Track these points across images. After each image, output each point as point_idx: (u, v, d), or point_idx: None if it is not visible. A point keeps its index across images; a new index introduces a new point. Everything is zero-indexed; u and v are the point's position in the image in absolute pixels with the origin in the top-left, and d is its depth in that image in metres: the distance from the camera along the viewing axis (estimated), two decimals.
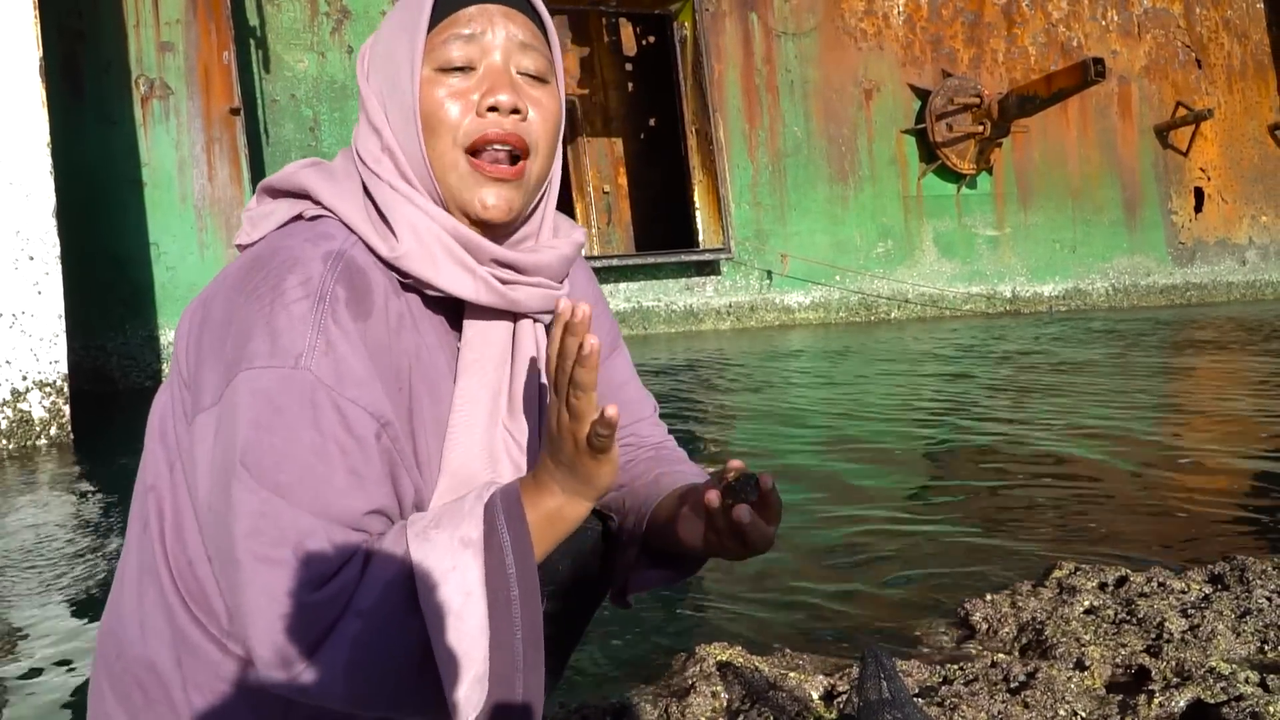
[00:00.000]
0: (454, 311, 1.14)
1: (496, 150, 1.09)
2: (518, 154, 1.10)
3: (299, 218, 1.11)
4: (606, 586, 1.34)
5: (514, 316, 1.16)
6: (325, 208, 1.11)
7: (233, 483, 0.95)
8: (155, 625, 1.09)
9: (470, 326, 1.14)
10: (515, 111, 1.09)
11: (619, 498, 1.39)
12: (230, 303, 1.02)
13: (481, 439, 1.13)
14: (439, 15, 1.10)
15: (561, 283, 1.19)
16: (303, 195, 1.13)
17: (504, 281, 1.11)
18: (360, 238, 1.08)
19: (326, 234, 1.07)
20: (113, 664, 1.13)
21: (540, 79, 1.13)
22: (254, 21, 9.10)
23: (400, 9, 1.13)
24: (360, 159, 1.13)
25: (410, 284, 1.10)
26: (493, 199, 1.09)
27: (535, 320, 1.18)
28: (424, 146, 1.09)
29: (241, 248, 1.15)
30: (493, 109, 1.08)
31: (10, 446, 5.45)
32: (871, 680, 1.66)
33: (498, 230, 1.13)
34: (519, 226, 1.16)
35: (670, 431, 1.44)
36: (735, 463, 1.11)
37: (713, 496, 1.06)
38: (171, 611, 1.08)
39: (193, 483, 1.04)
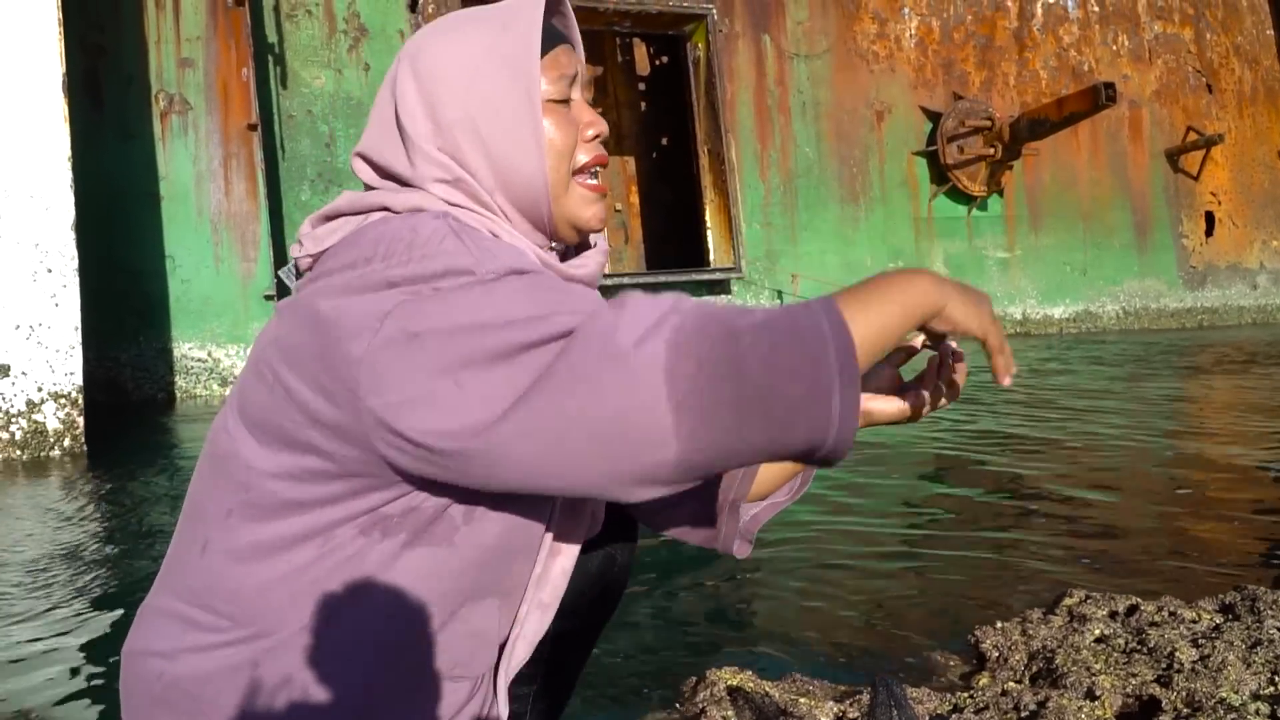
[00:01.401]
0: None
1: (593, 173, 1.25)
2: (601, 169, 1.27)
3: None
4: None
5: None
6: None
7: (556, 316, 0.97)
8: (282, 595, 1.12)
9: None
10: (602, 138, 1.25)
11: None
12: (364, 278, 1.03)
13: None
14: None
15: (595, 289, 1.30)
16: (377, 210, 1.17)
17: None
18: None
19: (419, 206, 1.14)
20: (152, 684, 1.13)
21: (592, 104, 1.28)
22: (273, 39, 9.19)
23: (488, 41, 1.18)
24: (432, 186, 1.17)
25: None
26: (601, 211, 1.25)
27: None
28: (548, 170, 1.19)
29: (304, 258, 1.18)
30: (598, 136, 1.23)
31: (24, 457, 5.50)
32: (882, 709, 1.68)
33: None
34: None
35: None
36: (918, 337, 1.23)
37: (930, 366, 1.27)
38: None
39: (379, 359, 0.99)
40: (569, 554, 1.26)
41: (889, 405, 1.31)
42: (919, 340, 1.23)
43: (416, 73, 1.18)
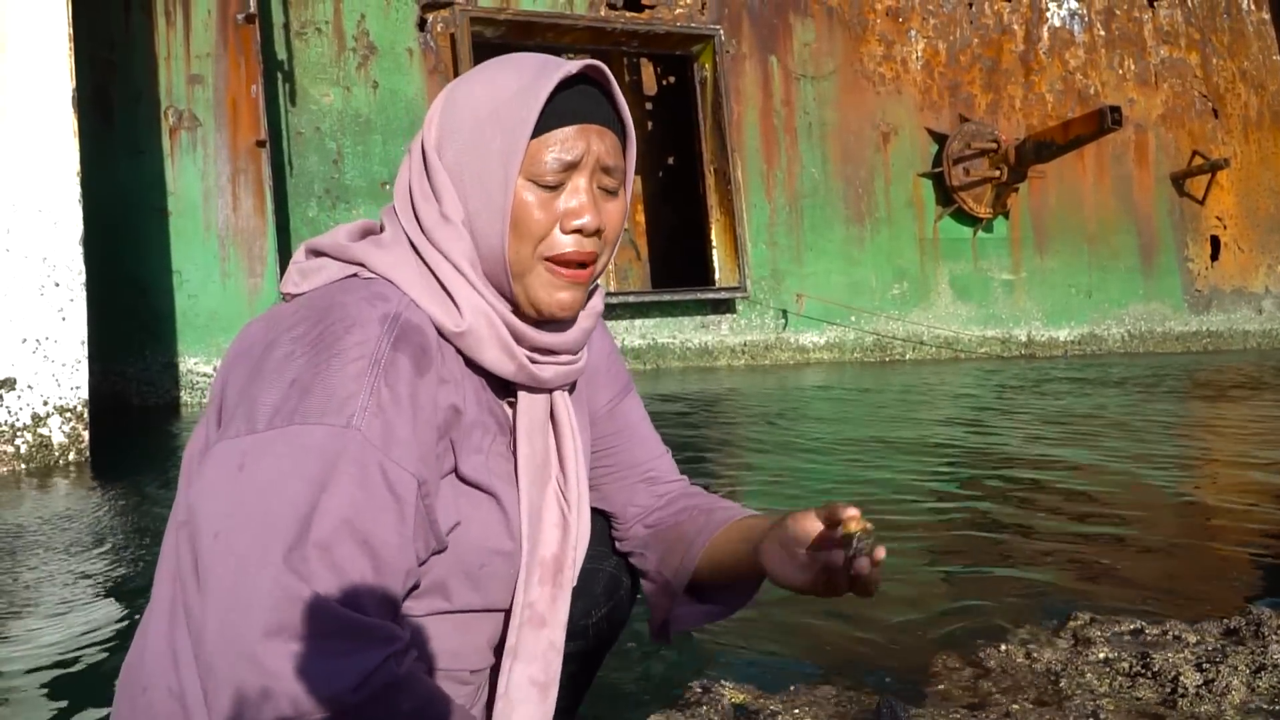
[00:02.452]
0: (490, 376, 1.23)
1: (580, 264, 1.20)
2: (587, 262, 1.20)
3: (354, 276, 1.18)
4: (626, 620, 1.51)
5: (548, 389, 1.27)
6: (380, 276, 1.18)
7: (270, 529, 0.98)
8: (188, 659, 1.11)
9: (521, 398, 1.25)
10: (596, 233, 1.18)
11: (645, 537, 1.47)
12: (286, 356, 1.06)
13: (541, 496, 1.25)
14: (541, 125, 1.15)
15: (577, 354, 1.29)
16: (355, 264, 1.19)
17: (534, 361, 1.22)
18: (416, 304, 1.15)
19: (382, 295, 1.13)
20: (137, 698, 1.14)
21: (614, 191, 1.21)
22: (282, 56, 9.25)
23: (495, 101, 1.17)
24: (422, 231, 1.19)
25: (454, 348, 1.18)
26: (568, 298, 1.19)
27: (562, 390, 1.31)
28: (507, 247, 1.16)
29: (288, 296, 1.20)
30: (577, 230, 1.17)
31: (29, 471, 5.50)
32: None
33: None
34: None
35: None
36: (851, 512, 1.22)
37: (837, 557, 1.22)
38: None
39: (197, 503, 1.04)
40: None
41: (794, 576, 1.32)
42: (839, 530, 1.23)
43: (446, 102, 1.21)
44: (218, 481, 1.02)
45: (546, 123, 1.14)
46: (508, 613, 1.22)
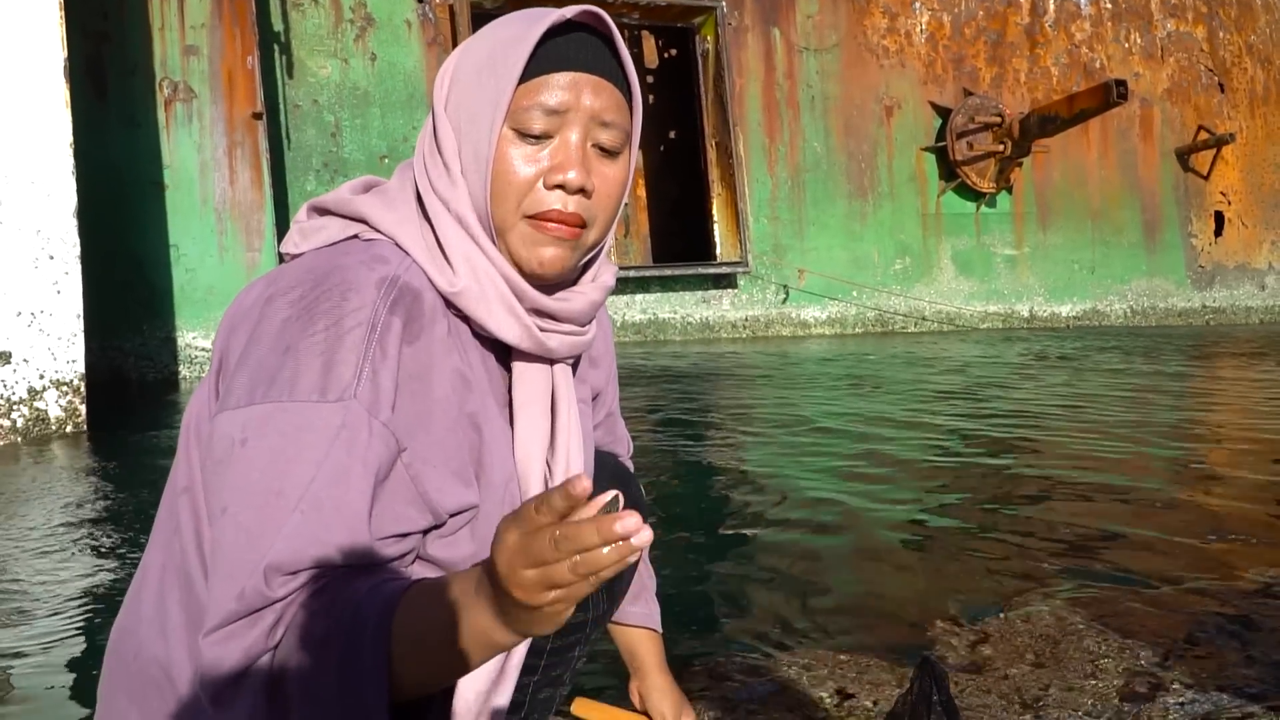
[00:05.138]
0: (496, 344, 1.18)
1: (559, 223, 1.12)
2: (577, 224, 1.13)
3: (354, 238, 1.14)
4: (624, 594, 1.53)
5: (550, 360, 1.21)
6: (382, 234, 1.13)
7: (261, 500, 0.96)
8: (176, 628, 1.09)
9: (519, 368, 1.19)
10: (581, 190, 1.11)
11: None
12: (285, 321, 1.03)
13: (535, 470, 1.20)
14: (531, 69, 1.10)
15: (586, 326, 1.23)
16: (358, 220, 1.15)
17: (541, 329, 1.16)
18: (418, 265, 1.11)
19: (382, 257, 1.10)
20: (129, 663, 1.12)
21: (614, 152, 1.14)
22: (278, 27, 9.17)
23: (493, 47, 1.12)
24: (429, 183, 1.15)
25: (458, 312, 1.13)
26: (550, 255, 1.12)
27: (565, 363, 1.24)
28: (490, 201, 1.11)
29: (288, 256, 1.16)
30: (560, 186, 1.10)
31: (26, 444, 5.48)
32: (922, 693, 1.62)
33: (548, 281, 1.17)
34: (568, 277, 1.20)
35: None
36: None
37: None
38: (197, 614, 1.07)
39: (210, 473, 1.03)
40: None
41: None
42: None
43: (457, 54, 1.17)
44: (223, 457, 1.00)
45: (539, 67, 1.09)
46: None
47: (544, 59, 1.09)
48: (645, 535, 0.72)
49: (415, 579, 0.95)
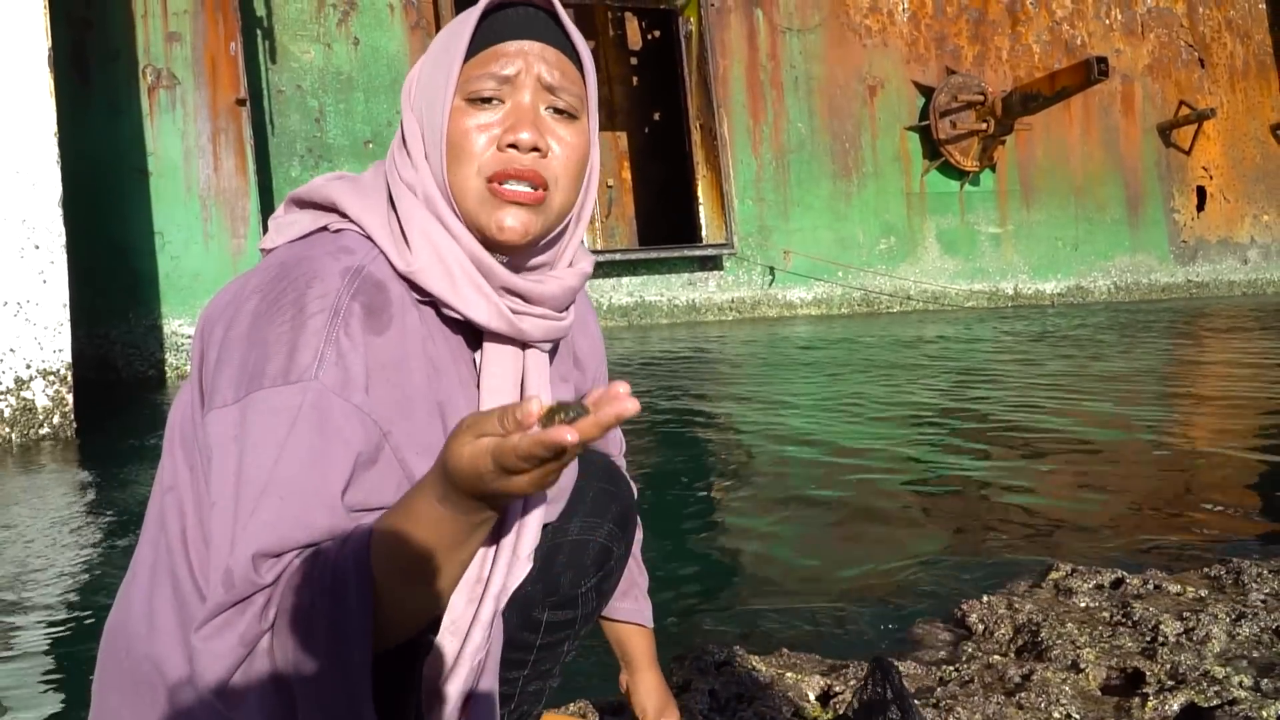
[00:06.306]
0: (467, 331, 1.18)
1: (517, 181, 1.13)
2: (538, 185, 1.13)
3: (324, 229, 1.16)
4: (614, 590, 1.52)
5: (523, 344, 1.20)
6: (351, 220, 1.15)
7: (241, 490, 0.99)
8: (165, 625, 1.10)
9: (489, 350, 1.18)
10: (535, 149, 1.12)
11: None
12: (255, 314, 1.06)
13: None
14: (480, 45, 1.14)
15: (563, 312, 1.23)
16: (330, 208, 1.17)
17: (514, 311, 1.16)
18: (380, 250, 1.12)
19: (347, 248, 1.12)
20: (121, 660, 1.14)
21: (569, 115, 1.16)
22: (261, 12, 9.12)
23: (445, 34, 1.18)
24: (398, 175, 1.17)
25: (428, 300, 1.13)
26: (510, 220, 1.12)
27: (539, 349, 1.22)
28: (446, 172, 1.13)
29: (265, 252, 1.19)
30: (513, 146, 1.12)
31: (13, 435, 5.48)
32: (876, 689, 1.68)
33: (517, 255, 1.17)
34: (538, 254, 1.19)
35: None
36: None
37: None
38: (186, 611, 1.09)
39: (207, 474, 1.06)
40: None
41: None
42: None
43: (423, 55, 1.21)
44: (212, 455, 1.03)
45: (485, 40, 1.14)
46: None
47: (490, 32, 1.14)
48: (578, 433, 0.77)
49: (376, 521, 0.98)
